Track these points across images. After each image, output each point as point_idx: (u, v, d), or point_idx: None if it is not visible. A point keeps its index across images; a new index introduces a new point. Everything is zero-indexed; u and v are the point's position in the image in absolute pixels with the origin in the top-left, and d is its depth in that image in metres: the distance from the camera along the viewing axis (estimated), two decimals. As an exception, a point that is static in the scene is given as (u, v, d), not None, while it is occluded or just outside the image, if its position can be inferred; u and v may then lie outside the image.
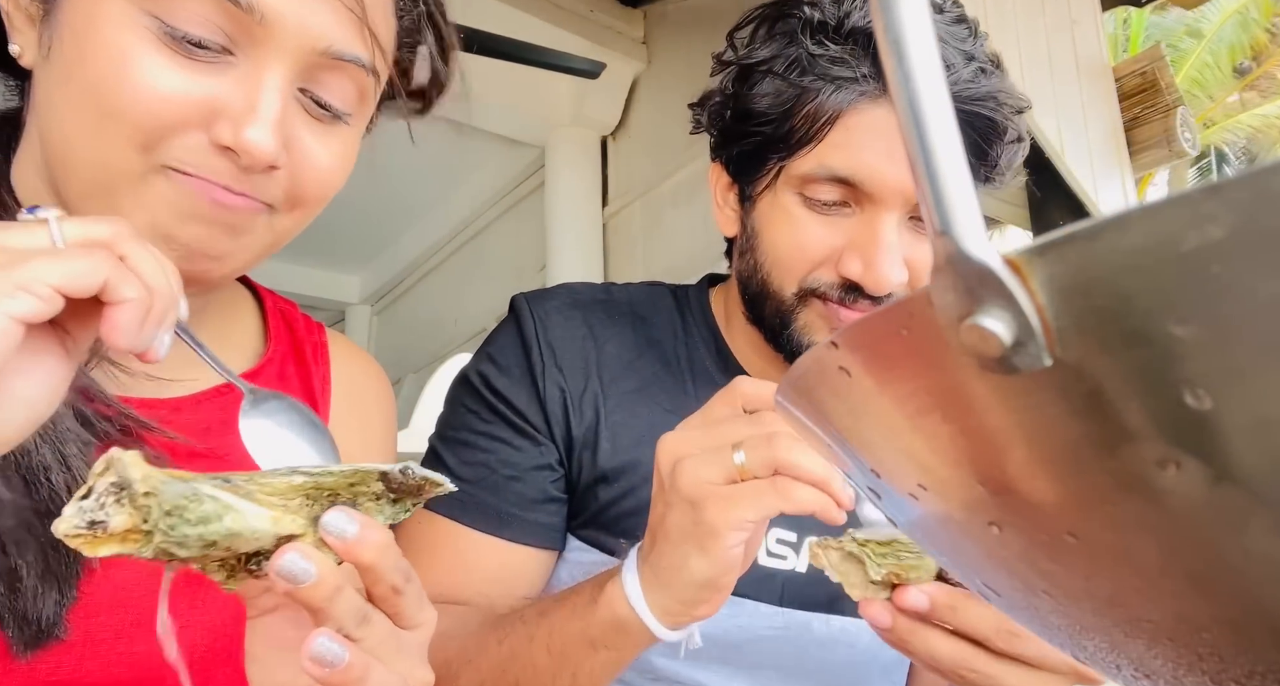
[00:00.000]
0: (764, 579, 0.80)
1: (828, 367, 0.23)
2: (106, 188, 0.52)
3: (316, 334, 0.76)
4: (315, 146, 0.57)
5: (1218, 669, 0.20)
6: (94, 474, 0.40)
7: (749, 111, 0.74)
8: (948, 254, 0.17)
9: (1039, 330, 0.16)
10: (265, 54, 0.52)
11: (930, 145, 0.17)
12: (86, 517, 0.39)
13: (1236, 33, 10.97)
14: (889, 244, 0.69)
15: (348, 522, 0.42)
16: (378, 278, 4.32)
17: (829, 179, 0.70)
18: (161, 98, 0.50)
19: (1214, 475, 0.16)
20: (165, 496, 0.39)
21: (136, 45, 0.50)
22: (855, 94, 0.68)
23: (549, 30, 2.51)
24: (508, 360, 0.83)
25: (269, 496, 0.42)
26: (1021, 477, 0.19)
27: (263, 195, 0.55)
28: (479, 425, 0.81)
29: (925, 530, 0.26)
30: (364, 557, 0.43)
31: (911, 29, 0.18)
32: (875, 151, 0.68)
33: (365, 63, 0.57)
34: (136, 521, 0.39)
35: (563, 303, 0.87)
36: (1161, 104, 2.11)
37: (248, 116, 0.51)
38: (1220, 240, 0.14)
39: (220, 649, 0.58)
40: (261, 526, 0.41)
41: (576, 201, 2.96)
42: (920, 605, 0.54)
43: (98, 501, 0.39)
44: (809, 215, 0.72)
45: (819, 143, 0.70)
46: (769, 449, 0.53)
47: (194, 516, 0.40)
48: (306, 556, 0.41)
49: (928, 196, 0.17)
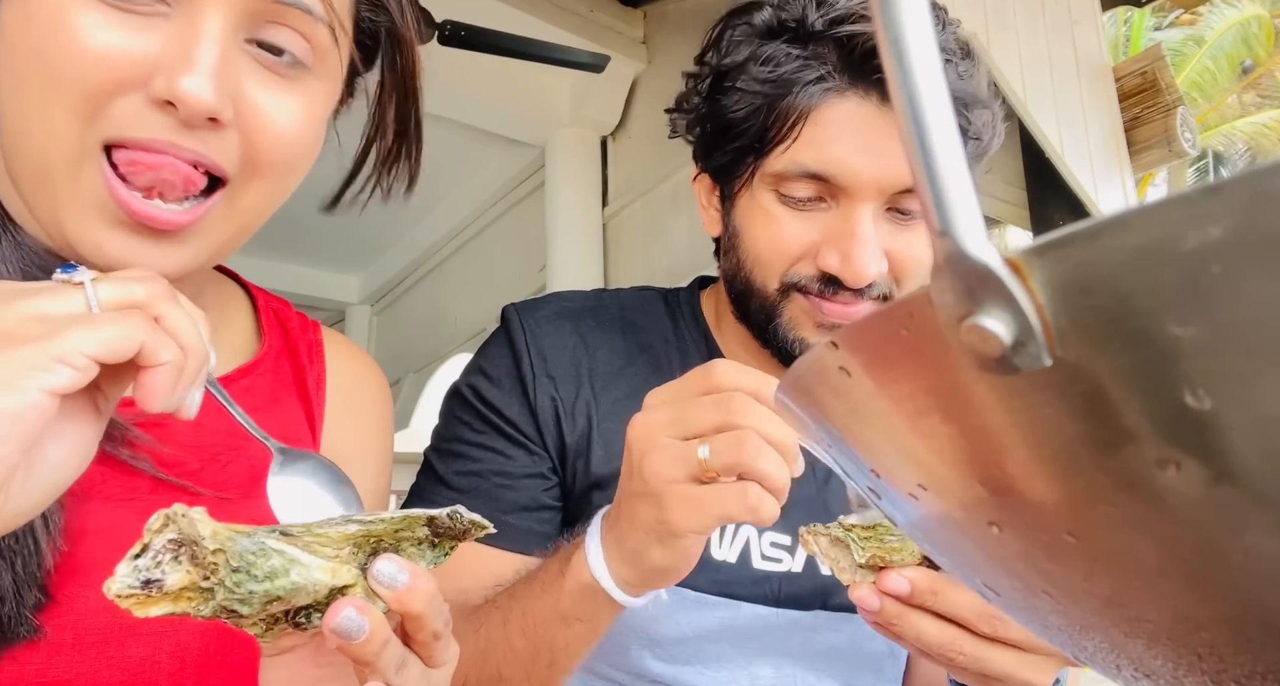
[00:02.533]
0: (759, 580, 0.80)
1: (828, 367, 0.23)
2: (48, 170, 0.50)
3: (311, 332, 0.74)
4: (268, 101, 0.53)
5: (1218, 669, 0.20)
6: (150, 530, 0.38)
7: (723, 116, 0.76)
8: (948, 254, 0.17)
9: (1039, 330, 0.16)
10: (201, 3, 0.50)
11: (930, 145, 0.17)
12: (141, 576, 0.37)
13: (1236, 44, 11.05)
14: (864, 236, 0.70)
15: (399, 572, 0.42)
16: (378, 278, 4.32)
17: (802, 175, 0.71)
18: (97, 56, 0.48)
19: (1214, 475, 0.16)
20: (233, 552, 0.38)
21: (71, 4, 0.48)
22: (821, 90, 0.70)
23: (549, 30, 2.52)
24: (498, 371, 0.84)
25: (323, 547, 0.41)
26: (1021, 477, 0.19)
27: (215, 155, 0.51)
28: (471, 436, 0.82)
29: (925, 530, 0.26)
30: (414, 608, 0.43)
31: (911, 29, 0.18)
32: (844, 145, 0.69)
33: (312, 8, 0.53)
34: (195, 579, 0.38)
35: (552, 312, 0.87)
36: (1161, 104, 2.11)
37: (184, 65, 0.48)
38: (1220, 240, 0.14)
39: (214, 651, 0.58)
40: (321, 578, 0.41)
41: (576, 201, 2.96)
42: (901, 589, 0.54)
43: (154, 559, 0.38)
44: (786, 212, 0.73)
45: (791, 141, 0.71)
46: (737, 454, 0.53)
47: (260, 572, 0.39)
48: (362, 612, 0.41)
49: (927, 196, 0.17)
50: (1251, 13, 10.99)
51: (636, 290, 0.94)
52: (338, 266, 4.32)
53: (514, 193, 3.40)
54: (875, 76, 0.68)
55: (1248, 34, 11.02)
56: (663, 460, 0.55)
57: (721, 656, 0.80)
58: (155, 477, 0.58)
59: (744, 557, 0.80)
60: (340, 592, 0.42)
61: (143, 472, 0.58)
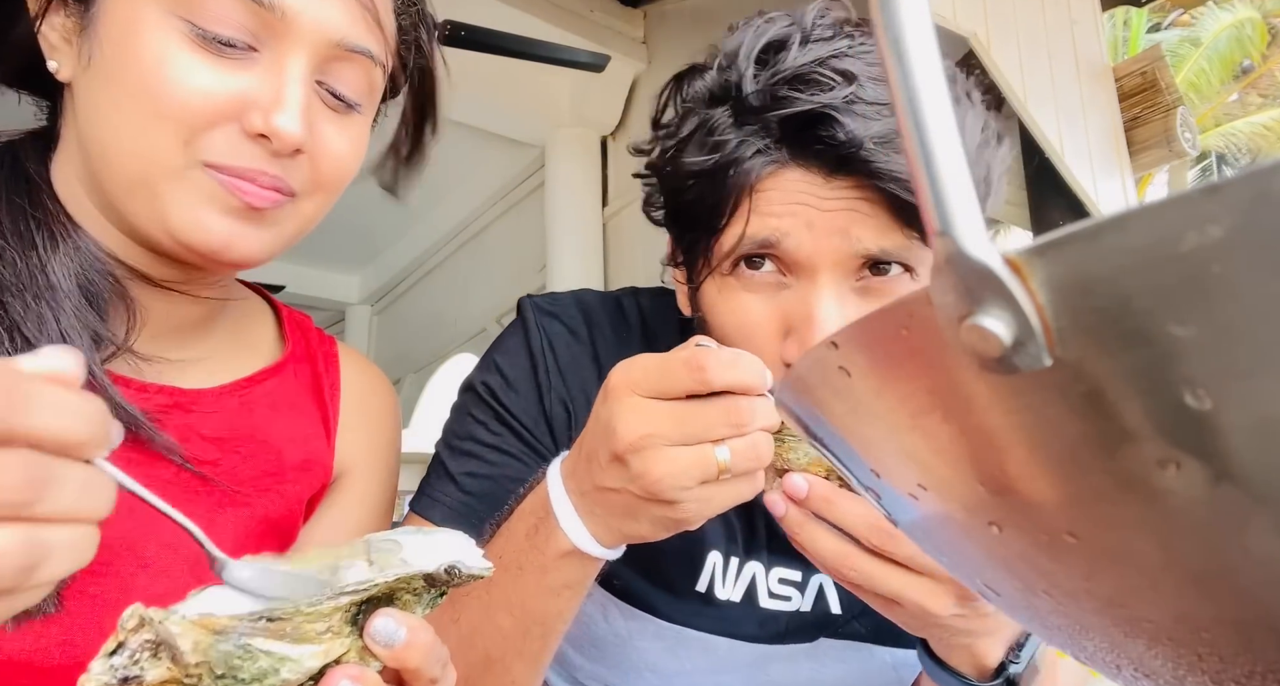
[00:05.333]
0: (765, 620, 0.78)
1: (828, 367, 0.23)
2: (149, 181, 0.57)
3: (328, 345, 0.79)
4: (332, 133, 0.62)
5: (1218, 669, 0.20)
6: (124, 628, 0.37)
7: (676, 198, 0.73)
8: (948, 254, 0.17)
9: (1039, 330, 0.16)
10: (286, 48, 0.58)
11: (930, 145, 0.17)
12: (119, 674, 0.36)
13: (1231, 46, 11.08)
14: (821, 319, 0.65)
15: (396, 629, 0.42)
16: (378, 278, 4.32)
17: (752, 250, 0.67)
18: (200, 94, 0.56)
19: (1214, 475, 0.16)
20: (216, 660, 0.37)
21: (172, 48, 0.56)
22: (763, 164, 0.66)
23: (549, 30, 2.52)
24: (515, 373, 0.82)
25: (313, 625, 0.40)
26: (1022, 477, 0.19)
27: (290, 179, 0.60)
28: (487, 437, 0.80)
29: (925, 530, 0.26)
30: (411, 662, 0.42)
31: (911, 29, 0.18)
32: (790, 217, 0.65)
33: (375, 55, 0.63)
34: (177, 675, 0.37)
35: (570, 315, 0.85)
36: (1161, 104, 2.10)
37: (276, 105, 0.57)
38: (1220, 240, 0.14)
39: None
40: (314, 665, 0.39)
41: (576, 201, 2.95)
42: (799, 490, 0.55)
43: (131, 657, 0.36)
44: (748, 296, 0.69)
45: (737, 216, 0.67)
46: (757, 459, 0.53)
47: (248, 675, 0.38)
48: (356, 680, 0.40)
49: (928, 196, 0.17)
50: (1245, 15, 11.01)
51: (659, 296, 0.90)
52: (338, 266, 4.32)
53: (514, 193, 3.40)
54: (817, 147, 0.64)
55: (1242, 36, 11.05)
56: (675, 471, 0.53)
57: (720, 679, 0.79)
58: (177, 465, 0.61)
59: (749, 597, 0.79)
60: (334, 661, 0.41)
61: (165, 460, 0.60)
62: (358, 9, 0.61)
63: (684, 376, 0.54)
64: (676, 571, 0.77)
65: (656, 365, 0.55)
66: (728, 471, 0.53)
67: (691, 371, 0.53)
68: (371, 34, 0.62)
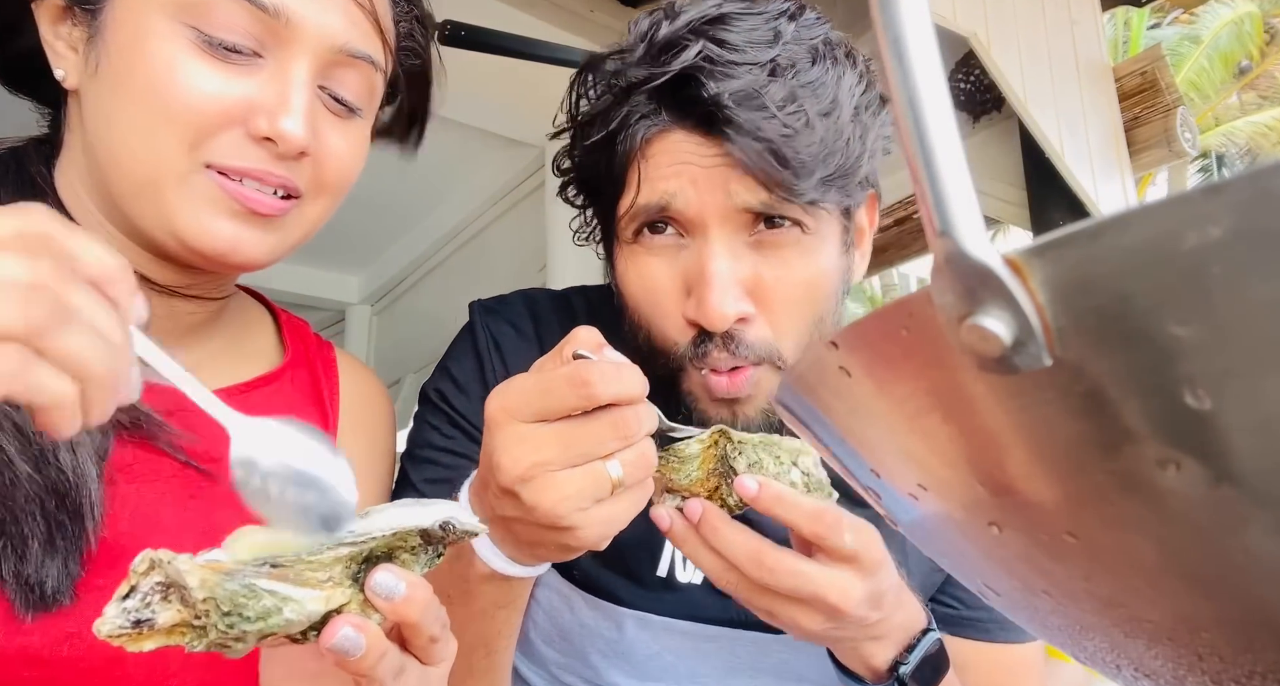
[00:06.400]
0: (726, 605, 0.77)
1: (828, 368, 0.23)
2: (156, 185, 0.58)
3: (326, 351, 0.80)
4: (335, 137, 0.63)
5: (1218, 669, 0.20)
6: (135, 572, 0.39)
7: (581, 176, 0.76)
8: (948, 254, 0.17)
9: (1039, 330, 0.16)
10: (291, 54, 0.59)
11: (930, 145, 0.17)
12: (131, 617, 0.38)
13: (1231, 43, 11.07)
14: (714, 273, 0.65)
15: (396, 583, 0.43)
16: (378, 278, 4.32)
17: (649, 215, 0.68)
18: (207, 98, 0.57)
19: (1214, 475, 0.16)
20: (222, 597, 0.39)
21: (180, 54, 0.57)
22: (645, 128, 0.68)
23: (549, 30, 2.51)
24: (464, 377, 0.83)
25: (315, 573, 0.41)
26: (1021, 477, 0.19)
27: (294, 180, 0.61)
28: (440, 441, 0.80)
29: (925, 530, 0.26)
30: (411, 616, 0.43)
31: (911, 29, 0.18)
32: (676, 177, 0.66)
33: (375, 60, 0.64)
34: (187, 617, 0.39)
35: (516, 313, 0.86)
36: (1161, 104, 2.10)
37: (281, 108, 0.58)
38: (1220, 240, 0.14)
39: None
40: (316, 609, 0.41)
41: (576, 201, 2.95)
42: (694, 514, 0.58)
43: (143, 600, 0.38)
44: (652, 260, 0.70)
45: (629, 182, 0.69)
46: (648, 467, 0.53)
47: (253, 613, 0.39)
48: (359, 629, 0.41)
49: (928, 197, 0.17)
50: (1244, 10, 11.00)
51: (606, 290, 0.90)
52: (338, 266, 4.31)
53: (514, 193, 3.40)
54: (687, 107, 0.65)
55: (1242, 32, 11.04)
56: (568, 496, 0.51)
57: (695, 672, 0.79)
58: (180, 462, 0.62)
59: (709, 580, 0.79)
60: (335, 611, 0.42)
61: (168, 456, 0.61)
62: (359, 15, 0.62)
63: (568, 395, 0.51)
64: (636, 558, 0.78)
65: (535, 386, 0.52)
66: (621, 485, 0.52)
67: (576, 388, 0.51)
68: (372, 40, 0.64)
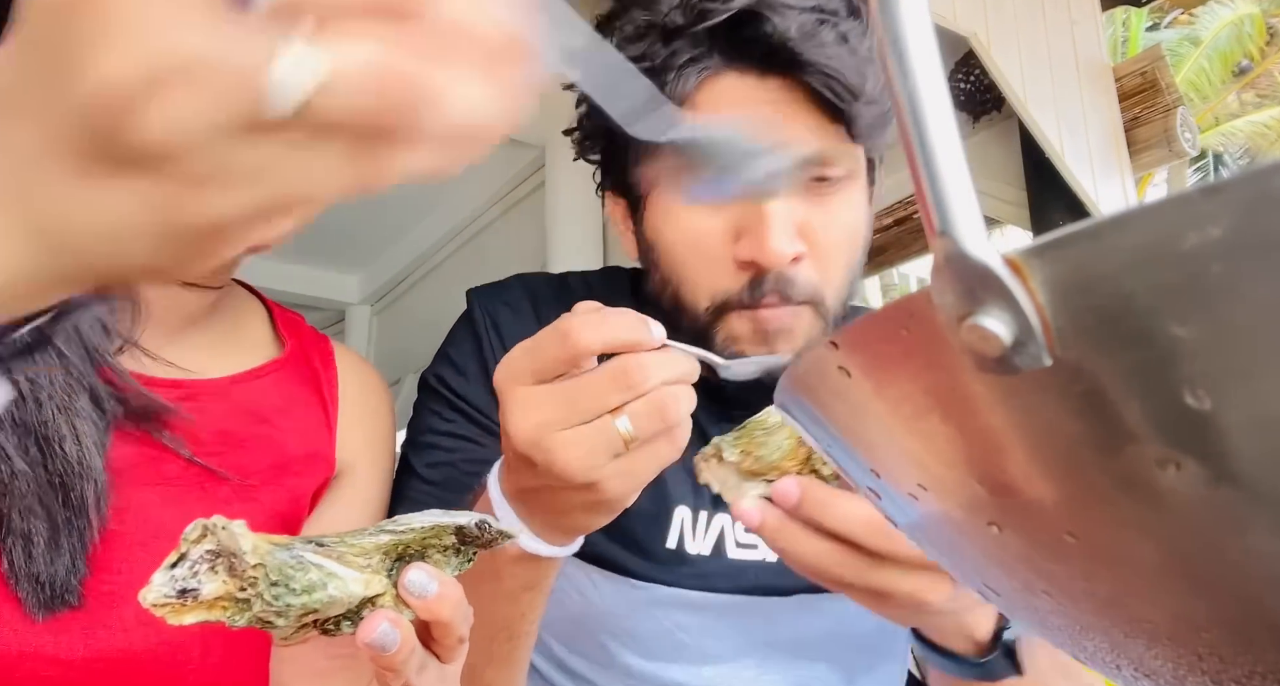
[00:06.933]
0: (735, 572, 0.77)
1: (828, 367, 0.23)
2: None
3: (323, 343, 0.80)
4: None
5: (1218, 669, 0.20)
6: (187, 539, 0.39)
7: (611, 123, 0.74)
8: (948, 254, 0.17)
9: (1039, 330, 0.16)
10: None
11: (930, 145, 0.17)
12: (178, 586, 0.38)
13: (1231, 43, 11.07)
14: (772, 213, 0.65)
15: (429, 581, 0.43)
16: (378, 277, 4.31)
17: None
18: None
19: (1214, 475, 0.16)
20: (271, 566, 0.39)
21: None
22: (696, 72, 0.67)
23: (549, 30, 2.51)
24: (463, 359, 0.83)
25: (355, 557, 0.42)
26: (1021, 478, 0.19)
27: None
28: (441, 425, 0.80)
29: (925, 530, 0.26)
30: (443, 615, 0.44)
31: (911, 29, 0.18)
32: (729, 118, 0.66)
33: None
34: (232, 589, 0.39)
35: (514, 295, 0.86)
36: (1161, 104, 2.10)
37: None
38: (1220, 240, 0.14)
39: None
40: (356, 591, 0.41)
41: (576, 201, 2.95)
42: (791, 495, 0.50)
43: (190, 569, 0.38)
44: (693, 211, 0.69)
45: None
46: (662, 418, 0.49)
47: (299, 586, 0.39)
48: (395, 624, 0.41)
49: (927, 197, 0.17)
50: (1245, 11, 11.00)
51: (605, 270, 0.91)
52: (337, 266, 4.31)
53: (514, 193, 3.39)
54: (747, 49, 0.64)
55: (1241, 33, 11.04)
56: (580, 455, 0.49)
57: (704, 650, 0.78)
58: (185, 459, 0.62)
59: (719, 549, 0.78)
60: (370, 601, 0.42)
61: (173, 454, 0.61)
62: None
63: (552, 346, 0.50)
64: (646, 530, 0.77)
65: (527, 347, 0.51)
66: (634, 440, 0.49)
67: (558, 338, 0.49)
68: None
